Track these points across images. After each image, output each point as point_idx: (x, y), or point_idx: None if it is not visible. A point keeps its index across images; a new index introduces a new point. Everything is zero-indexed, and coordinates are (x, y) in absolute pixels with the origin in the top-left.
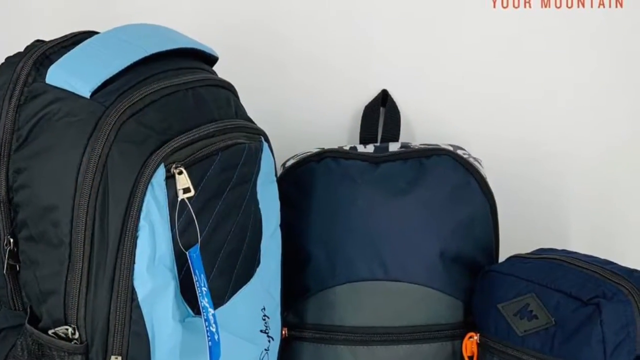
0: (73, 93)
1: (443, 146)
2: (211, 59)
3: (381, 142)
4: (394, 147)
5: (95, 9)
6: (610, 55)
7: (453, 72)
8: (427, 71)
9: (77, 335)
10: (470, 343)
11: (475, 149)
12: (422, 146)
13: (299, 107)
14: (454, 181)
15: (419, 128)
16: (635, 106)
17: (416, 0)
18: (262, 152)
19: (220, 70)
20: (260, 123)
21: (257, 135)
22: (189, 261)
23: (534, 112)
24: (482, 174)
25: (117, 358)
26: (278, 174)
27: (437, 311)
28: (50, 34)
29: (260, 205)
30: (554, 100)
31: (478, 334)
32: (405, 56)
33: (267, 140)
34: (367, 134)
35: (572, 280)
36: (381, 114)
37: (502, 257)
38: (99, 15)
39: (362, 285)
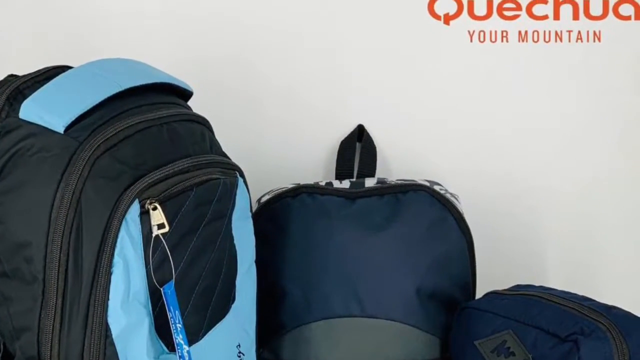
0: (47, 128)
1: (420, 182)
2: (186, 94)
3: (357, 177)
4: (370, 182)
5: (69, 43)
6: (588, 90)
7: (430, 107)
8: (403, 106)
9: None
10: None
11: (452, 184)
12: (399, 182)
13: (274, 142)
14: (431, 217)
15: (395, 163)
16: (613, 141)
17: (393, 35)
18: (237, 188)
19: (195, 105)
20: (235, 158)
21: (232, 171)
22: (164, 297)
23: (511, 148)
24: (459, 209)
25: None
26: (253, 210)
27: (414, 348)
28: (23, 69)
29: (235, 241)
30: (532, 136)
31: None
32: (381, 91)
33: (242, 175)
34: (343, 169)
35: (550, 317)
36: (357, 149)
37: (480, 293)
38: (73, 49)
39: (338, 321)
